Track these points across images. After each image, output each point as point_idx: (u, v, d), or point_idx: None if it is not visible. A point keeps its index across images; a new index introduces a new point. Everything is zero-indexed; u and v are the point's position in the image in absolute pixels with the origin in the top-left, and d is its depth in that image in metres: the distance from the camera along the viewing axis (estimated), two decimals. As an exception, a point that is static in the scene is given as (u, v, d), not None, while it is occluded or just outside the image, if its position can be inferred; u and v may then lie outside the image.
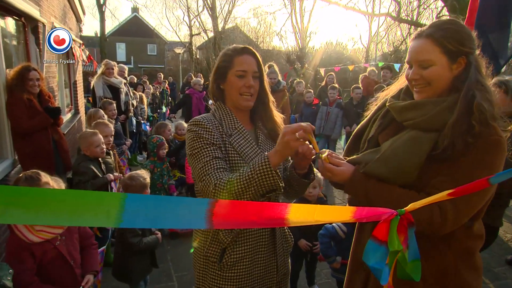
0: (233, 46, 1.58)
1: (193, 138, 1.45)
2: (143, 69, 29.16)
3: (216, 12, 26.45)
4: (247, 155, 1.48)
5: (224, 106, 1.57)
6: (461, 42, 1.24)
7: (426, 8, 16.63)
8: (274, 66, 6.15)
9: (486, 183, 0.93)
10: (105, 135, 3.59)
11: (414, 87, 1.33)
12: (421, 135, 1.24)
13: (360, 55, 28.76)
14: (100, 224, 0.60)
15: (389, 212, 0.87)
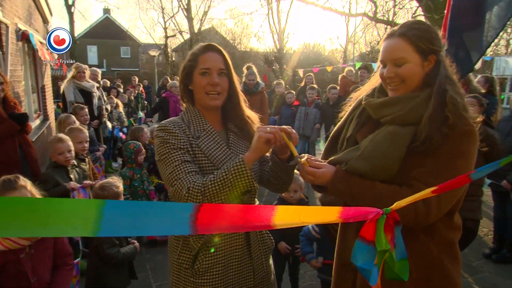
0: (199, 45, 1.54)
1: (160, 144, 1.43)
2: (117, 72, 28.49)
3: (192, 13, 26.28)
4: (216, 157, 1.45)
5: (192, 108, 1.54)
6: (431, 41, 1.31)
7: (402, 8, 17.16)
8: (252, 67, 6.13)
9: (467, 179, 0.95)
10: (79, 141, 3.46)
11: (388, 85, 1.37)
12: (399, 130, 1.28)
13: (338, 55, 29.32)
14: (77, 234, 0.55)
15: (375, 211, 0.87)
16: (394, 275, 0.90)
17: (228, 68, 1.51)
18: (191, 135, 1.46)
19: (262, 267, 1.57)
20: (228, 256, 1.45)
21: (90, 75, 6.25)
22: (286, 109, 7.08)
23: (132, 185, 4.01)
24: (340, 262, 1.53)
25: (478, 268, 3.63)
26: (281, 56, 20.36)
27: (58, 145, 2.98)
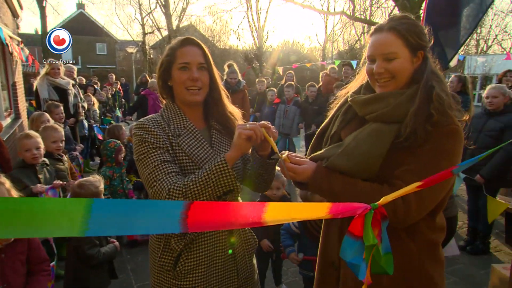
0: (177, 39, 1.49)
1: (138, 143, 1.37)
2: (93, 69, 27.72)
3: (170, 9, 25.85)
4: (198, 156, 1.39)
5: (172, 105, 1.48)
6: (419, 36, 1.29)
7: (379, 7, 17.53)
8: (234, 65, 6.09)
9: (450, 174, 0.96)
10: (53, 141, 3.34)
11: (377, 81, 1.33)
12: (383, 127, 1.26)
13: (317, 53, 29.60)
14: (63, 234, 0.53)
15: (364, 206, 0.87)
16: (380, 269, 0.91)
17: (208, 62, 1.46)
18: (171, 133, 1.40)
19: (246, 267, 1.54)
20: (211, 257, 1.41)
21: (66, 72, 6.04)
22: (267, 107, 7.10)
23: (111, 185, 3.92)
24: (323, 259, 1.51)
25: (454, 260, 3.76)
26: (260, 54, 20.38)
27: (25, 142, 2.86)
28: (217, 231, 1.41)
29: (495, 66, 16.72)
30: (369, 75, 1.36)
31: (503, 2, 19.88)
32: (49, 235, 0.52)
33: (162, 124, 1.42)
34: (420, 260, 1.28)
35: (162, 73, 1.47)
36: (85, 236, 1.83)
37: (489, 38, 22.45)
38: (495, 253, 3.96)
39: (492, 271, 2.75)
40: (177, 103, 1.48)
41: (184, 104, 1.47)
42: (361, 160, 1.25)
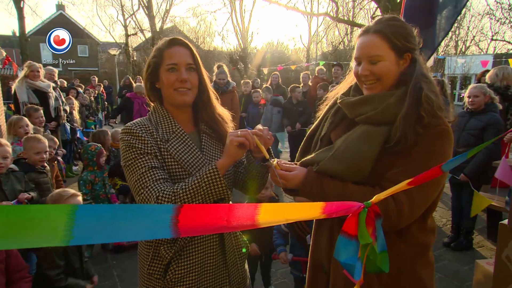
0: (163, 39, 1.44)
1: (125, 149, 1.32)
2: (74, 72, 27.13)
3: (153, 11, 25.56)
4: (187, 162, 1.35)
5: (161, 108, 1.43)
6: (406, 39, 1.28)
7: (362, 9, 17.81)
8: (223, 66, 6.07)
9: (439, 171, 0.96)
10: (37, 152, 3.11)
11: (364, 84, 1.33)
12: (373, 130, 1.25)
13: (301, 55, 29.79)
14: (45, 244, 0.49)
15: (357, 205, 0.86)
16: (376, 268, 0.90)
17: (196, 63, 1.42)
18: (159, 138, 1.35)
19: (237, 273, 1.51)
20: (202, 264, 1.38)
21: (46, 75, 5.88)
22: (253, 108, 7.09)
23: (93, 189, 3.82)
24: (312, 262, 1.49)
25: (439, 256, 3.82)
26: (245, 55, 20.36)
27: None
28: (207, 237, 1.38)
29: (474, 67, 17.21)
30: (356, 77, 1.36)
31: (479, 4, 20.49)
32: (30, 246, 0.49)
33: (150, 128, 1.36)
34: (411, 263, 1.28)
35: (149, 75, 1.42)
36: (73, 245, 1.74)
37: (467, 39, 23.09)
38: (478, 249, 4.04)
39: (476, 266, 2.81)
40: (166, 106, 1.44)
41: (173, 106, 1.43)
42: (351, 163, 1.24)
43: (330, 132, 1.41)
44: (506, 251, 1.95)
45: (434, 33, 2.83)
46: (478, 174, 3.77)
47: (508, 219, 1.97)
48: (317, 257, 1.45)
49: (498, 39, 20.67)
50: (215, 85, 5.95)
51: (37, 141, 3.19)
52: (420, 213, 1.22)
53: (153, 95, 1.46)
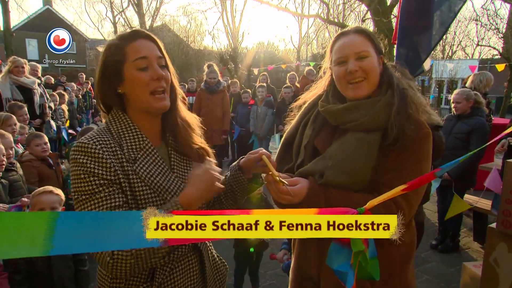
0: (119, 34, 1.19)
1: (80, 175, 1.03)
2: (61, 69, 26.64)
3: (143, 8, 25.32)
4: (160, 186, 1.13)
5: (123, 116, 1.16)
6: (379, 41, 1.37)
7: (353, 11, 17.97)
8: (213, 65, 6.02)
9: (433, 176, 0.97)
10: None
11: (349, 83, 1.31)
12: (367, 137, 1.25)
13: (291, 55, 29.88)
14: (23, 254, 0.46)
15: (351, 211, 0.85)
16: (367, 275, 0.89)
17: (165, 57, 1.19)
18: (125, 159, 1.09)
19: None
20: None
21: (29, 71, 5.73)
22: (242, 108, 7.07)
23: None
24: (298, 274, 1.43)
25: (426, 258, 3.86)
26: (236, 55, 20.31)
27: None
28: (187, 270, 1.21)
29: (460, 71, 17.54)
30: (341, 78, 1.33)
31: (466, 10, 20.93)
32: (5, 257, 0.45)
33: (113, 145, 1.09)
34: (401, 263, 1.31)
35: (109, 78, 1.14)
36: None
37: (454, 44, 23.51)
38: (465, 251, 4.10)
39: (463, 269, 2.83)
40: (130, 113, 1.17)
41: (145, 114, 1.17)
42: (354, 173, 1.24)
43: (313, 139, 1.39)
44: (494, 254, 1.97)
45: (430, 36, 2.85)
46: (462, 175, 3.82)
47: (496, 222, 1.99)
48: (304, 268, 1.40)
49: (484, 45, 21.11)
50: (205, 84, 5.91)
51: (0, 136, 2.95)
52: (415, 211, 1.27)
53: (115, 103, 1.17)
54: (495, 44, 20.01)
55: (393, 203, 1.17)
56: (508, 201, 1.89)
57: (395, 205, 1.18)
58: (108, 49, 1.15)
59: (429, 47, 2.86)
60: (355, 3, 13.73)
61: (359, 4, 12.52)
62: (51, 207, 2.31)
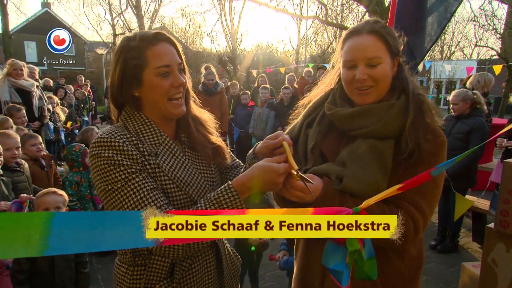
0: (138, 34, 1.13)
1: (108, 168, 1.02)
2: (60, 71, 26.63)
3: (142, 10, 25.35)
4: (183, 180, 1.13)
5: (138, 114, 1.16)
6: (397, 41, 1.22)
7: (351, 12, 18.02)
8: (211, 67, 6.06)
9: (428, 176, 0.97)
10: (7, 148, 2.96)
11: (357, 89, 1.21)
12: (380, 144, 1.16)
13: (290, 57, 29.92)
14: (19, 255, 0.46)
15: (346, 210, 0.85)
16: (364, 275, 0.89)
17: (183, 61, 1.19)
18: (147, 152, 1.10)
19: None
20: None
21: (28, 73, 5.73)
22: (241, 109, 7.08)
23: (79, 190, 3.74)
24: (302, 285, 1.37)
25: (426, 259, 3.84)
26: (234, 57, 20.34)
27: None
28: (204, 265, 1.22)
29: (459, 71, 17.59)
30: (348, 83, 1.23)
31: (464, 10, 21.00)
32: (2, 257, 0.45)
33: (133, 140, 1.09)
34: (409, 278, 1.25)
35: (128, 81, 1.12)
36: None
37: (452, 45, 23.57)
38: (464, 251, 4.11)
39: (462, 269, 2.84)
40: (145, 113, 1.18)
41: (160, 117, 1.18)
42: (370, 182, 1.14)
43: (319, 144, 1.28)
44: (492, 254, 1.97)
45: (423, 38, 2.86)
46: (461, 175, 3.83)
47: (494, 223, 1.99)
48: (309, 280, 1.33)
49: (482, 45, 21.16)
50: (203, 86, 5.92)
51: (6, 136, 3.00)
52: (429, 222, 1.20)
53: (131, 104, 1.17)
54: (493, 45, 20.07)
55: (410, 219, 1.12)
56: (506, 201, 1.90)
57: (412, 221, 1.13)
58: (127, 51, 1.11)
59: (423, 49, 2.88)
60: (353, 4, 13.78)
61: (358, 5, 12.57)
62: (55, 207, 2.37)
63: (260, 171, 1.03)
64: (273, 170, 1.02)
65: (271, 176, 1.02)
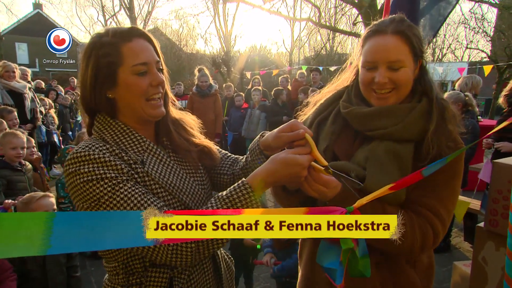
0: (111, 30, 1.05)
1: (88, 185, 0.92)
2: (52, 73, 26.40)
3: (135, 12, 25.28)
4: (174, 186, 1.07)
5: (114, 122, 1.06)
6: (422, 42, 1.16)
7: (344, 15, 18.16)
8: (204, 69, 6.07)
9: (420, 176, 0.98)
10: (13, 147, 3.06)
11: (374, 92, 1.15)
12: (399, 148, 1.11)
13: (283, 59, 30.03)
14: (21, 254, 0.47)
15: (340, 209, 0.87)
16: (358, 273, 0.91)
17: (161, 59, 1.10)
18: (133, 161, 1.01)
19: None
20: None
21: (20, 75, 5.69)
22: (235, 111, 7.11)
23: (73, 194, 3.72)
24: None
25: (418, 258, 3.90)
26: (228, 59, 20.37)
27: None
28: (203, 274, 1.18)
29: (450, 73, 17.83)
30: (366, 84, 1.16)
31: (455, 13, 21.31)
32: (5, 256, 0.46)
33: (114, 149, 1.00)
34: (422, 286, 1.22)
35: (101, 81, 1.02)
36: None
37: (444, 47, 23.88)
38: (456, 251, 4.16)
39: (454, 268, 2.88)
40: (121, 120, 1.08)
41: (137, 120, 1.09)
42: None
43: (332, 144, 1.22)
44: (483, 253, 2.01)
45: None
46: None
47: (484, 222, 2.03)
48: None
49: (472, 48, 21.49)
50: (197, 88, 5.94)
51: (13, 135, 3.12)
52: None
53: (104, 108, 1.06)
54: (484, 47, 20.39)
55: (430, 228, 1.09)
56: (495, 200, 1.93)
57: (432, 229, 1.10)
58: (99, 48, 1.01)
59: None
60: (346, 7, 13.91)
61: (350, 8, 12.68)
62: (52, 209, 2.46)
63: (282, 165, 0.95)
64: (298, 163, 0.95)
65: (296, 170, 0.95)
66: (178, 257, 0.94)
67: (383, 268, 1.18)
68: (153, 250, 0.93)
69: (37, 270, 2.24)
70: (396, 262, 1.17)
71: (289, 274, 2.37)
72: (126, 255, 1.07)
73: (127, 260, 1.07)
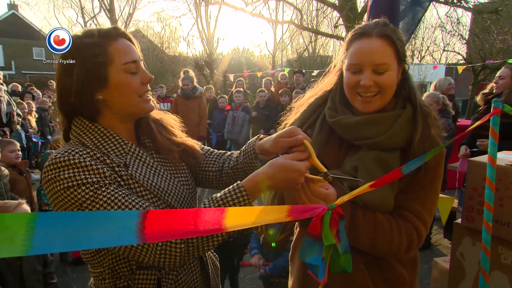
0: (96, 31, 1.04)
1: (69, 191, 0.91)
2: (29, 75, 25.69)
3: (116, 14, 24.91)
4: (159, 187, 1.07)
5: (93, 126, 1.04)
6: (404, 46, 1.17)
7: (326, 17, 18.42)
8: (189, 71, 6.08)
9: (399, 174, 1.01)
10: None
11: (359, 95, 1.15)
12: (386, 156, 1.14)
13: (267, 61, 30.18)
14: (3, 254, 0.47)
15: (322, 207, 0.89)
16: (340, 268, 0.93)
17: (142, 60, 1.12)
18: (115, 164, 1.00)
19: None
20: None
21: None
22: (218, 114, 7.10)
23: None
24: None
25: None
26: (211, 61, 20.32)
27: None
28: (190, 274, 1.18)
29: (429, 75, 18.35)
30: (351, 87, 1.16)
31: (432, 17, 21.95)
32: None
33: (96, 153, 0.99)
34: (410, 280, 1.25)
35: (90, 84, 1.00)
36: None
37: (422, 50, 24.52)
38: (436, 247, 4.28)
39: (434, 264, 2.96)
40: (101, 123, 1.06)
41: (120, 121, 1.08)
42: (383, 196, 1.12)
43: (320, 153, 1.21)
44: (460, 248, 2.08)
45: None
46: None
47: (461, 218, 2.10)
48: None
49: (449, 50, 22.15)
50: (182, 90, 5.91)
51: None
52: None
53: (90, 111, 1.04)
54: (460, 50, 21.05)
55: (413, 229, 1.13)
56: (471, 197, 2.01)
57: (415, 231, 1.14)
58: (83, 49, 1.00)
59: None
60: (327, 10, 14.11)
61: (332, 10, 12.88)
62: None
63: (280, 170, 0.95)
64: (296, 168, 0.95)
65: (293, 175, 0.95)
66: (166, 257, 0.94)
67: (373, 267, 1.22)
68: (141, 251, 0.93)
69: (15, 279, 2.17)
70: (384, 260, 1.21)
71: (282, 272, 2.38)
72: (112, 260, 1.06)
73: (113, 264, 1.06)
